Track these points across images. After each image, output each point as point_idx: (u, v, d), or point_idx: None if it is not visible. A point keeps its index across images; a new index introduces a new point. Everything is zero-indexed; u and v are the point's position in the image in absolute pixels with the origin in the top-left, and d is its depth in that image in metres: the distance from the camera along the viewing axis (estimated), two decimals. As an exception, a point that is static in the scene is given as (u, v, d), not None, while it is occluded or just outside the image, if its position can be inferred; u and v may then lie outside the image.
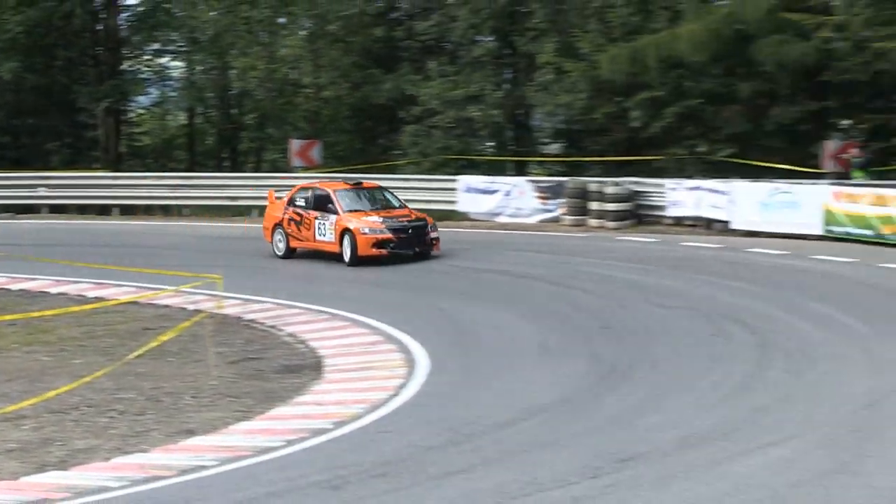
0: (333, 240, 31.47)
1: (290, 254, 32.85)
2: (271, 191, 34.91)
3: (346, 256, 31.18)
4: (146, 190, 44.30)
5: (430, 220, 32.47)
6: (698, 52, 39.16)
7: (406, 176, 42.78)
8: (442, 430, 16.30)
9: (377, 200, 32.70)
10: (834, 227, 32.50)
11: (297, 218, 32.45)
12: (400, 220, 31.74)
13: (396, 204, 32.68)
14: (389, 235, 31.15)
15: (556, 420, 16.73)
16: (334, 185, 33.43)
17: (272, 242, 33.27)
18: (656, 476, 13.86)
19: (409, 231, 31.50)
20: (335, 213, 31.66)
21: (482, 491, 13.56)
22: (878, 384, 17.70)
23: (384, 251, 31.03)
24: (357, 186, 33.33)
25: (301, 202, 32.63)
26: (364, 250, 30.93)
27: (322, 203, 32.11)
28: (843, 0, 36.14)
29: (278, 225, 33.03)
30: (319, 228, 31.85)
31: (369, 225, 31.29)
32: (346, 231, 31.19)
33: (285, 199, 33.23)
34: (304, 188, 33.29)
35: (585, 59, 41.58)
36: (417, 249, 31.46)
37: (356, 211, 31.82)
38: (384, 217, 31.59)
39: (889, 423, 15.68)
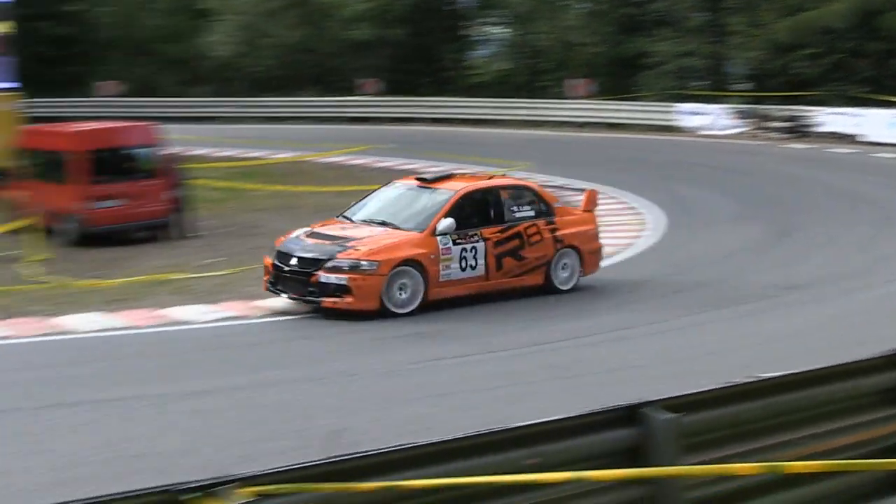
0: None
1: None
2: None
3: None
4: (489, 110, 44.37)
5: (363, 254, 12.72)
6: (841, 21, 37.35)
7: (644, 104, 42.13)
8: (670, 265, 16.31)
9: (402, 215, 13.60)
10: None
11: None
12: (317, 241, 13.14)
13: (431, 225, 13.15)
14: (269, 262, 13.30)
15: (740, 261, 16.51)
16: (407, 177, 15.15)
17: None
18: (813, 298, 13.67)
19: (293, 262, 12.92)
20: None
21: (695, 301, 13.71)
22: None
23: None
24: (423, 182, 14.10)
25: None
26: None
27: None
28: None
29: None
30: None
31: (282, 240, 13.57)
32: None
33: None
34: None
35: (764, 27, 39.97)
36: (289, 296, 12.92)
37: (346, 220, 13.85)
38: (314, 232, 13.49)
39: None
